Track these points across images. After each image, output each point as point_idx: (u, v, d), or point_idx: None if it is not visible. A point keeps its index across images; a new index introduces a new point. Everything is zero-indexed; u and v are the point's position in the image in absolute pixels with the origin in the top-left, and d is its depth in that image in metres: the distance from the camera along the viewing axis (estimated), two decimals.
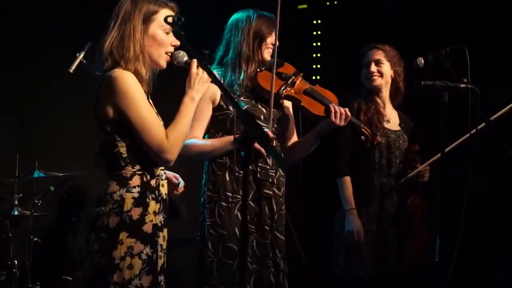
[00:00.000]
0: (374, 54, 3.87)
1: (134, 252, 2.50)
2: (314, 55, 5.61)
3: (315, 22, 5.62)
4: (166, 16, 2.57)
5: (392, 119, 3.93)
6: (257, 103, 3.24)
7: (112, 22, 2.61)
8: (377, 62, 3.85)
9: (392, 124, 3.92)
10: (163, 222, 2.61)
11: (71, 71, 3.38)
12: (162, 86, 2.74)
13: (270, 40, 3.25)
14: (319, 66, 5.59)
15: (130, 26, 2.58)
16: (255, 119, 2.54)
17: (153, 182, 2.58)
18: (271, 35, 3.24)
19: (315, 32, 5.62)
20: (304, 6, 5.64)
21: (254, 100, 3.24)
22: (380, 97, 3.91)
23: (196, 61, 2.61)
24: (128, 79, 2.51)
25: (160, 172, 2.63)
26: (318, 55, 5.60)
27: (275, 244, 3.19)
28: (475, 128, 3.38)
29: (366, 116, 3.77)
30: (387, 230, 3.77)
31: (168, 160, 2.55)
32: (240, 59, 3.22)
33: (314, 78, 5.51)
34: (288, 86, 3.26)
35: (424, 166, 3.83)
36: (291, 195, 3.38)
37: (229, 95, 2.48)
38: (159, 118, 2.61)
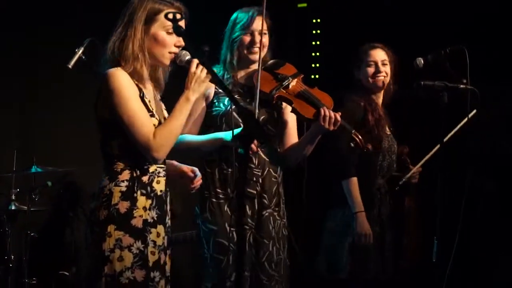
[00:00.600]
0: (380, 54, 3.77)
1: (123, 245, 2.50)
2: (313, 54, 5.60)
3: (314, 21, 5.61)
4: (166, 13, 2.54)
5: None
6: (251, 103, 3.17)
7: (120, 21, 2.60)
8: (383, 62, 3.75)
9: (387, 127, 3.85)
10: (156, 218, 2.59)
11: (70, 66, 3.38)
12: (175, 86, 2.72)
13: (248, 38, 3.21)
14: (318, 65, 5.59)
15: (133, 26, 2.57)
16: (255, 117, 2.54)
17: (145, 178, 2.57)
18: (248, 32, 3.21)
19: (314, 31, 5.61)
20: (304, 5, 5.63)
21: (249, 99, 3.21)
22: (377, 97, 3.80)
23: (196, 60, 2.57)
24: (119, 77, 2.51)
25: (157, 169, 2.61)
26: (317, 54, 5.60)
27: (254, 245, 3.15)
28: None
29: (373, 117, 3.67)
30: (387, 232, 3.74)
31: (155, 158, 2.54)
32: (225, 59, 3.26)
33: (313, 77, 5.51)
34: (282, 87, 3.22)
35: (418, 167, 3.80)
36: (292, 195, 3.35)
37: (229, 93, 2.48)
38: (157, 117, 2.58)
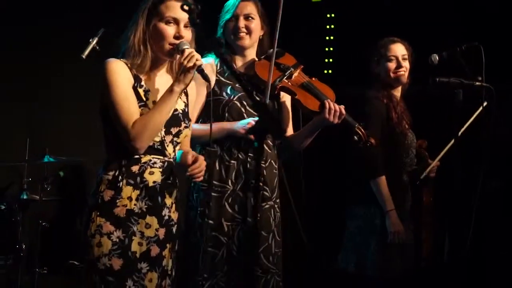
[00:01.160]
0: (401, 49, 3.72)
1: (103, 231, 2.51)
2: (327, 49, 5.58)
3: (328, 16, 5.59)
4: (182, 3, 2.51)
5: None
6: (254, 93, 3.11)
7: (134, 14, 2.63)
8: (403, 57, 3.71)
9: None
10: (145, 210, 2.57)
11: (83, 56, 3.38)
12: None
13: (232, 23, 3.18)
14: (331, 60, 5.56)
15: (136, 19, 2.60)
16: (270, 110, 2.52)
17: (134, 168, 2.56)
18: (232, 17, 3.18)
19: (328, 26, 5.59)
20: (318, 0, 5.61)
21: (250, 88, 3.16)
22: (397, 92, 3.76)
23: (188, 50, 2.51)
24: (111, 65, 2.54)
25: (152, 160, 2.59)
26: (331, 49, 5.57)
27: (250, 237, 3.11)
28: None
29: (396, 114, 3.63)
30: (410, 226, 3.69)
31: (134, 147, 2.52)
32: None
33: (326, 72, 5.49)
34: (285, 78, 3.18)
35: (436, 161, 3.77)
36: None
37: (244, 86, 2.48)
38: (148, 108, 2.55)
